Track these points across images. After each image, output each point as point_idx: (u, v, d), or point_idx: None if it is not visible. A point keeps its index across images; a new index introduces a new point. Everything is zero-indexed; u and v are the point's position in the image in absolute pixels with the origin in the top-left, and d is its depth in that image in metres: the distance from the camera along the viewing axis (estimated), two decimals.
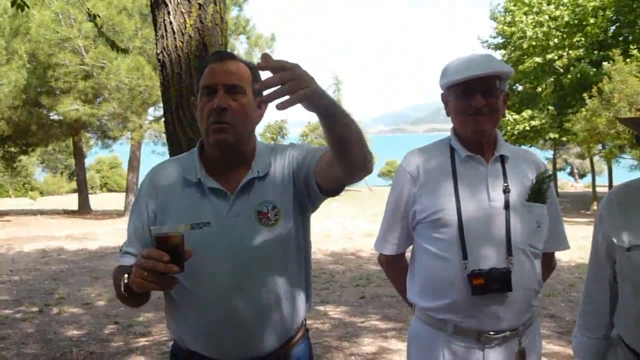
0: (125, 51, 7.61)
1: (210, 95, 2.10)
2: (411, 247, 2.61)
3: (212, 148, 2.16)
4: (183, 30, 3.76)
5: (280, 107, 1.61)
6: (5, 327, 7.50)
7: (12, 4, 6.65)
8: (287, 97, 1.61)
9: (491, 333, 2.35)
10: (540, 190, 2.41)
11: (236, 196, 2.13)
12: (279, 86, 1.61)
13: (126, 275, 1.99)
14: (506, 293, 2.31)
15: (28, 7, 6.97)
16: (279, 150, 2.27)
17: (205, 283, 2.06)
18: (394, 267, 2.71)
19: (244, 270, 2.08)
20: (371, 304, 8.52)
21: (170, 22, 3.75)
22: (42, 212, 29.65)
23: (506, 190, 2.38)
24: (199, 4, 3.77)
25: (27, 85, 24.27)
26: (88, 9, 9.71)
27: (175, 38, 3.76)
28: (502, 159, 2.44)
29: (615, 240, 2.20)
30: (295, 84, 1.62)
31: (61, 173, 62.29)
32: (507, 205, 2.36)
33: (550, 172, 2.47)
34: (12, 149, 32.60)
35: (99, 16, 8.08)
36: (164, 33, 3.79)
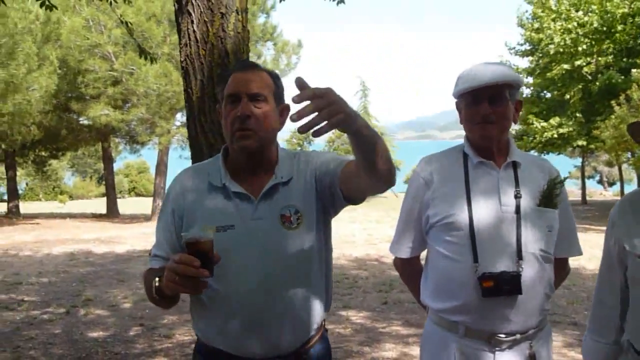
0: (153, 59, 7.74)
1: (234, 104, 2.19)
2: (425, 250, 2.67)
3: (236, 154, 2.24)
4: (206, 39, 3.86)
5: (316, 134, 1.65)
6: (33, 327, 7.65)
7: (41, 5, 6.80)
8: (322, 124, 1.65)
9: (502, 336, 2.39)
10: (551, 196, 2.46)
11: (260, 200, 2.21)
12: (315, 114, 1.64)
13: (157, 279, 2.10)
14: (516, 296, 2.36)
15: (56, 8, 7.11)
16: (302, 156, 2.34)
17: (230, 283, 2.13)
18: (409, 269, 2.78)
19: (267, 272, 2.16)
20: (393, 310, 8.55)
21: (194, 31, 3.86)
22: (71, 216, 30.03)
23: (517, 196, 2.43)
24: (221, 13, 3.86)
25: (57, 91, 24.60)
26: (120, 15, 9.87)
27: (198, 46, 3.86)
28: (515, 165, 2.50)
29: (627, 246, 2.23)
30: (329, 112, 1.65)
31: (90, 177, 63.02)
32: (518, 210, 2.41)
33: (562, 178, 2.52)
34: (43, 153, 33.12)
35: (131, 23, 8.22)
36: (188, 41, 3.90)
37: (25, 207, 35.72)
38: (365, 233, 19.48)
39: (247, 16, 4.11)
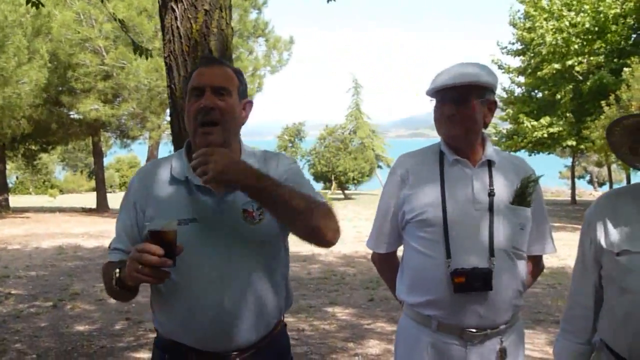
0: (148, 55, 7.75)
1: (198, 97, 2.21)
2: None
3: (196, 146, 2.22)
4: (189, 35, 3.87)
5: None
6: (20, 320, 7.67)
7: (27, 2, 6.80)
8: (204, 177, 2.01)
9: (473, 330, 2.45)
10: (524, 194, 2.51)
11: (222, 195, 2.22)
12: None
13: (118, 270, 2.11)
14: (487, 292, 2.41)
15: (43, 5, 7.11)
16: (273, 159, 2.37)
17: (190, 276, 2.14)
18: (386, 264, 2.84)
19: (228, 265, 2.18)
20: (379, 307, 8.60)
21: (177, 27, 3.87)
22: (61, 210, 29.95)
23: (491, 194, 2.48)
24: (205, 10, 3.87)
25: (47, 84, 24.49)
26: (113, 13, 9.85)
27: (182, 42, 3.88)
28: (489, 164, 2.54)
29: (604, 245, 2.27)
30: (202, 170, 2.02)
31: (81, 171, 62.80)
32: (491, 208, 2.47)
33: (536, 177, 2.56)
34: (33, 147, 32.98)
35: (122, 21, 8.22)
36: (171, 37, 3.91)
37: (15, 200, 35.57)
38: (354, 230, 19.51)
39: (231, 13, 4.13)
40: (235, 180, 2.06)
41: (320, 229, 2.19)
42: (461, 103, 2.45)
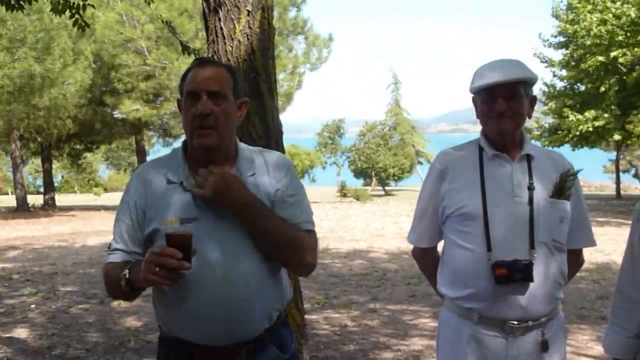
0: (196, 53, 7.88)
1: (194, 101, 2.25)
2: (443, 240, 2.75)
3: (195, 150, 2.30)
4: (232, 36, 3.95)
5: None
6: (68, 316, 7.86)
7: (74, 24, 6.99)
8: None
9: (514, 323, 2.47)
10: (563, 188, 2.53)
11: None
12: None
13: (127, 271, 2.17)
14: (528, 284, 2.43)
15: (89, 27, 7.31)
16: (271, 159, 2.41)
17: (196, 274, 2.15)
18: (426, 259, 2.88)
19: (231, 260, 2.21)
20: (421, 302, 8.59)
21: (221, 28, 3.95)
22: (105, 208, 30.46)
23: (531, 187, 2.51)
24: (247, 10, 3.95)
25: (92, 85, 24.96)
26: (160, 15, 10.04)
27: (225, 43, 3.96)
28: (529, 158, 2.57)
29: None
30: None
31: (124, 170, 63.75)
32: (530, 201, 2.49)
33: (575, 171, 2.58)
34: (78, 147, 33.67)
35: (169, 21, 8.39)
36: (215, 38, 4.00)
37: (60, 199, 36.33)
38: (396, 226, 19.51)
39: (273, 13, 4.20)
40: (225, 206, 2.21)
41: (299, 265, 2.37)
42: (512, 99, 2.48)
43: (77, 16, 6.93)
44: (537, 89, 2.69)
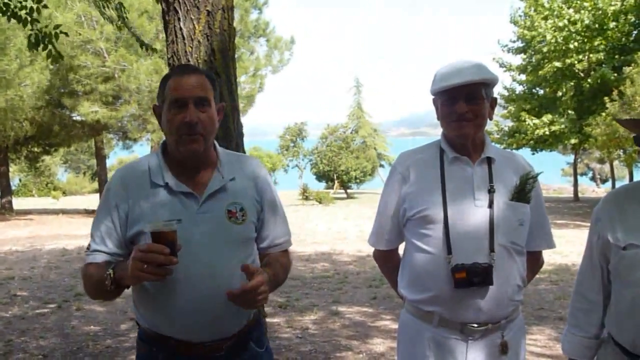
0: (153, 50, 7.80)
1: (180, 109, 2.28)
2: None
3: (180, 155, 2.34)
4: (192, 36, 3.92)
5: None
6: (25, 321, 7.71)
7: (48, 56, 6.88)
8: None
9: (474, 325, 2.48)
10: (523, 191, 2.54)
11: (205, 198, 2.32)
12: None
13: (111, 271, 2.20)
14: (487, 287, 2.44)
15: (62, 59, 7.24)
16: (249, 165, 2.50)
17: (178, 272, 2.17)
18: (387, 262, 2.87)
19: (214, 259, 2.27)
20: (383, 304, 8.62)
21: (181, 28, 3.92)
22: (64, 212, 30.01)
23: (491, 190, 2.51)
24: (207, 10, 3.92)
25: (50, 87, 24.56)
26: (116, 13, 9.90)
27: (185, 43, 3.93)
28: (489, 161, 2.57)
29: (611, 239, 2.29)
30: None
31: (84, 173, 62.92)
32: (490, 205, 2.50)
33: (535, 174, 2.59)
34: (36, 149, 33.05)
35: (126, 17, 8.30)
36: (174, 38, 3.96)
37: (18, 203, 35.64)
38: (357, 229, 19.56)
39: (233, 14, 4.17)
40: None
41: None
42: (473, 101, 2.48)
43: (49, 47, 6.82)
44: (496, 93, 2.68)
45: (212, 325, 2.29)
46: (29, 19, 6.72)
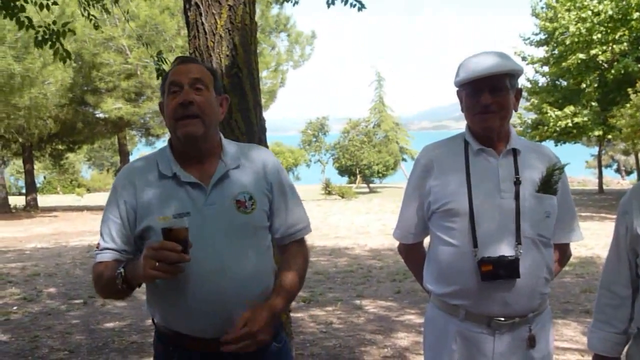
0: (159, 56, 7.80)
1: (175, 93, 2.28)
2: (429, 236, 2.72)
3: (181, 143, 2.32)
4: (214, 31, 3.91)
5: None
6: (51, 317, 7.78)
7: (55, 54, 6.88)
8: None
9: (501, 319, 2.45)
10: (550, 182, 2.50)
11: (212, 187, 2.29)
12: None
13: (122, 269, 2.17)
14: (514, 280, 2.40)
15: (71, 59, 7.21)
16: (255, 154, 2.46)
17: (192, 268, 2.16)
18: (412, 255, 2.85)
19: (224, 254, 2.24)
20: (406, 299, 8.59)
21: (202, 23, 3.91)
22: (88, 208, 30.27)
23: (517, 182, 2.47)
24: (229, 5, 3.91)
25: (73, 84, 24.76)
26: (126, 13, 9.94)
27: (207, 38, 3.92)
28: (514, 152, 2.53)
29: (639, 232, 2.26)
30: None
31: (107, 170, 63.38)
32: (517, 196, 2.46)
33: (561, 165, 2.55)
34: (60, 147, 33.39)
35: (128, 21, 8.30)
36: (196, 33, 3.95)
37: (43, 200, 36.08)
38: (379, 223, 19.53)
39: (255, 8, 4.16)
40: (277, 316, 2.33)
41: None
42: (498, 92, 2.44)
43: (57, 45, 6.81)
44: (519, 85, 2.64)
45: (226, 321, 2.23)
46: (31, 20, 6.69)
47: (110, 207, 2.36)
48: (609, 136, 29.36)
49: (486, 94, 2.43)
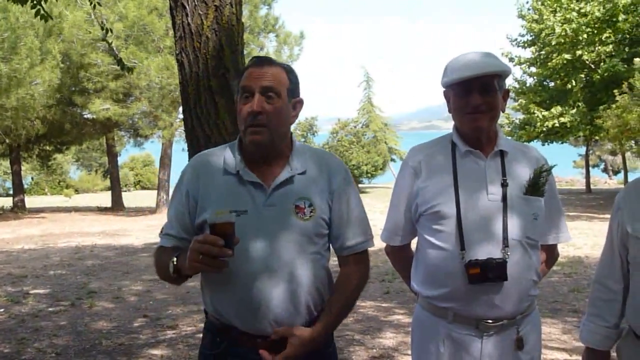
0: (130, 70, 7.72)
1: (247, 98, 2.29)
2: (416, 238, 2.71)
3: (248, 146, 2.34)
4: (200, 32, 3.90)
5: None
6: (39, 319, 7.73)
7: (36, 15, 6.83)
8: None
9: (489, 321, 2.45)
10: (537, 184, 2.50)
11: (273, 189, 2.30)
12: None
13: (175, 258, 2.24)
14: (502, 282, 2.40)
15: (52, 19, 7.13)
16: (325, 165, 2.43)
17: (240, 263, 2.21)
18: (400, 257, 2.84)
19: (275, 255, 2.26)
20: (395, 299, 8.61)
21: (188, 24, 3.90)
22: (76, 210, 30.17)
23: (504, 184, 2.47)
24: (215, 5, 3.90)
25: (60, 85, 24.64)
26: (102, 22, 9.88)
27: (193, 39, 3.91)
28: (502, 154, 2.53)
29: (629, 229, 2.28)
30: None
31: (95, 171, 63.04)
32: (504, 198, 2.45)
33: (549, 166, 2.55)
34: (47, 148, 33.19)
35: (111, 30, 8.23)
36: (182, 34, 3.95)
37: (30, 201, 35.86)
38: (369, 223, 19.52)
39: (241, 9, 4.15)
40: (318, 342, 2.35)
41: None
42: (487, 93, 2.44)
43: (38, 7, 6.76)
44: (507, 85, 2.63)
45: (270, 319, 2.28)
46: None
47: (176, 194, 2.44)
48: (596, 136, 29.49)
49: (476, 95, 2.43)
